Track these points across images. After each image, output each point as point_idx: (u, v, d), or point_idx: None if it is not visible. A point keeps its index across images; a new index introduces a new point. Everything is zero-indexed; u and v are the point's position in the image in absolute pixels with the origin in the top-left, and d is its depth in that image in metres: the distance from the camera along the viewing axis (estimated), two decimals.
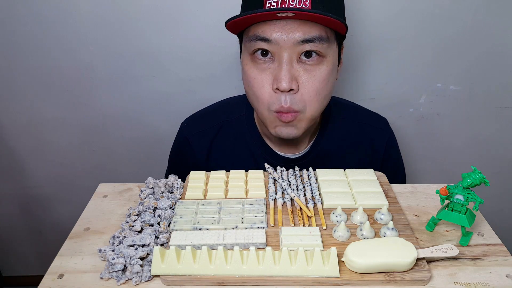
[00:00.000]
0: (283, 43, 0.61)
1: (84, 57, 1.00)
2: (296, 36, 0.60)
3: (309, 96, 0.65)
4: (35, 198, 1.27)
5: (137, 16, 0.95)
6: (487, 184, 0.53)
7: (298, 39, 0.61)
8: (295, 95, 0.64)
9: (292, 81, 0.62)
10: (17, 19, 0.95)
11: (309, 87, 0.64)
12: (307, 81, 0.64)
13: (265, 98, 0.66)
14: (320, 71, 0.64)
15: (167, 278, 0.49)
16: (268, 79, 0.65)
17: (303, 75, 0.63)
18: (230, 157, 0.82)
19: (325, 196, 0.62)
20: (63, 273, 0.52)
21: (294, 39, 0.61)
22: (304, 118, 0.67)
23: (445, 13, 0.94)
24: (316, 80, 0.64)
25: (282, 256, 0.49)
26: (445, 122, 1.11)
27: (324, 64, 0.64)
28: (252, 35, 0.64)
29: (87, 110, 1.09)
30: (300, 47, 0.62)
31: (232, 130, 0.81)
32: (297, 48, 0.62)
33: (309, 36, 0.61)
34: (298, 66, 0.63)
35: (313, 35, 0.61)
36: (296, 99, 0.64)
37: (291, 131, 0.68)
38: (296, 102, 0.64)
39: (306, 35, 0.60)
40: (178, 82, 1.04)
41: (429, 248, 0.52)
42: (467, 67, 1.02)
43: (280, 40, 0.61)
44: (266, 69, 0.65)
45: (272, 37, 0.61)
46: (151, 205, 0.60)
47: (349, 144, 0.82)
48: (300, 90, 0.64)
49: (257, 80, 0.65)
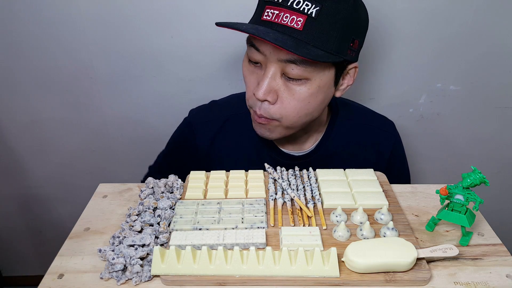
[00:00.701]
0: (269, 56, 0.63)
1: (84, 57, 1.00)
2: (280, 55, 0.61)
3: (286, 111, 0.66)
4: (35, 198, 1.27)
5: (137, 16, 0.95)
6: (487, 184, 0.53)
7: (282, 57, 0.62)
8: (271, 105, 0.66)
9: (269, 93, 0.64)
10: (17, 19, 0.95)
11: (287, 104, 0.65)
12: (286, 98, 0.65)
13: (248, 95, 0.70)
14: (301, 91, 0.64)
15: (167, 278, 0.49)
16: (254, 82, 0.67)
17: (283, 91, 0.65)
18: (234, 151, 0.82)
19: (325, 196, 0.62)
20: (63, 273, 0.52)
21: (278, 56, 0.62)
22: (281, 126, 0.69)
23: (445, 13, 0.94)
24: (294, 99, 0.65)
25: (282, 256, 0.49)
26: (445, 122, 1.11)
27: (307, 86, 0.64)
28: (249, 40, 0.66)
29: (87, 110, 1.09)
30: (284, 65, 0.63)
31: (239, 124, 0.82)
32: (281, 64, 0.63)
33: (292, 58, 0.61)
34: (281, 81, 0.64)
35: (296, 57, 0.61)
36: (272, 109, 0.66)
37: (264, 132, 0.71)
38: (271, 112, 0.66)
39: (289, 56, 0.61)
40: (178, 82, 1.04)
41: (429, 248, 0.52)
42: (467, 67, 1.02)
43: (266, 53, 0.63)
44: (254, 73, 0.67)
45: (260, 48, 0.63)
46: (151, 205, 0.60)
47: (355, 145, 0.82)
48: (278, 102, 0.66)
49: (247, 79, 0.69)
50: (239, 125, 0.82)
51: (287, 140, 0.80)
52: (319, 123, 0.80)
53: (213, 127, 0.82)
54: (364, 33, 0.68)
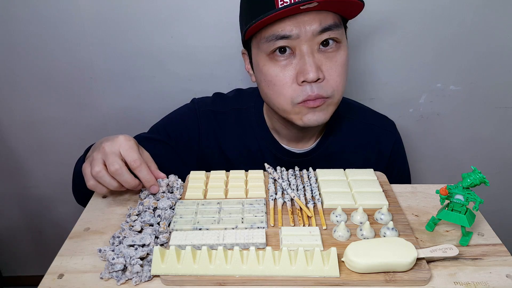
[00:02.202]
0: (303, 36, 0.62)
1: (84, 57, 1.00)
2: (314, 27, 0.62)
3: (335, 82, 0.66)
4: (35, 198, 1.27)
5: (137, 15, 0.95)
6: (487, 184, 0.53)
7: (317, 29, 0.62)
8: (321, 83, 0.65)
9: (318, 70, 0.64)
10: (17, 19, 0.95)
11: (333, 73, 0.66)
12: (331, 68, 0.65)
13: (288, 94, 0.66)
14: (340, 55, 0.66)
15: (167, 278, 0.49)
16: (291, 74, 0.65)
17: (326, 63, 0.65)
18: (235, 144, 0.82)
19: (325, 196, 0.62)
20: (63, 273, 0.52)
21: (313, 30, 0.62)
22: (333, 103, 0.69)
23: (445, 13, 0.94)
24: (338, 65, 0.66)
25: (282, 256, 0.49)
26: (445, 122, 1.11)
27: (342, 49, 0.66)
28: (270, 35, 0.64)
29: (87, 110, 1.09)
30: (319, 37, 0.63)
31: (242, 118, 0.82)
32: (316, 39, 0.63)
33: (326, 25, 0.63)
34: (319, 55, 0.65)
35: (329, 23, 0.63)
36: (324, 86, 0.65)
37: (320, 116, 0.68)
38: (324, 89, 0.66)
39: (323, 24, 0.62)
40: (178, 81, 1.04)
41: (429, 248, 0.52)
42: (467, 67, 1.02)
43: (301, 34, 0.62)
44: (287, 65, 0.65)
45: (292, 33, 0.62)
46: (151, 205, 0.60)
47: (356, 144, 0.82)
48: (325, 77, 0.65)
49: (279, 78, 0.66)
50: (242, 118, 0.82)
51: (293, 138, 0.80)
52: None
53: (217, 118, 0.82)
54: None
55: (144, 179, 0.60)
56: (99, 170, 0.58)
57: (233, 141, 0.82)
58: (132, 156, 0.59)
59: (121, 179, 0.58)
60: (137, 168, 0.59)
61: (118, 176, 0.58)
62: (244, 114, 0.82)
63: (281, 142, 0.81)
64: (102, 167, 0.58)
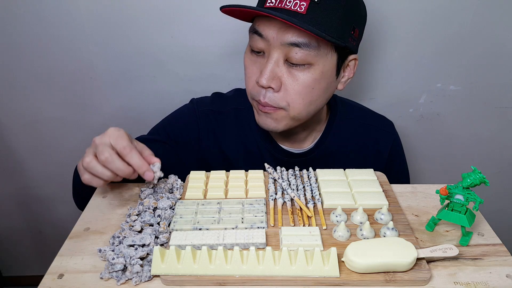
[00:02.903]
0: (272, 41, 0.63)
1: (84, 57, 1.00)
2: (285, 38, 0.62)
3: (291, 98, 0.66)
4: (35, 198, 1.27)
5: (137, 16, 0.95)
6: (487, 184, 0.53)
7: (286, 40, 0.62)
8: (276, 93, 0.66)
9: (273, 80, 0.64)
10: (17, 19, 0.95)
11: (291, 90, 0.66)
12: (290, 84, 0.65)
13: (250, 87, 0.70)
14: (305, 77, 0.65)
15: (167, 278, 0.49)
16: (256, 72, 0.67)
17: (287, 77, 0.65)
18: (234, 143, 0.82)
19: (325, 196, 0.62)
20: (63, 273, 0.52)
21: (282, 40, 0.62)
22: (287, 117, 0.69)
23: (445, 13, 0.94)
24: (299, 84, 0.65)
25: (282, 256, 0.49)
26: (445, 122, 1.11)
27: (310, 72, 0.65)
28: (252, 27, 0.67)
29: (87, 110, 1.09)
30: (287, 49, 0.63)
31: (241, 118, 0.82)
32: (285, 49, 0.63)
33: (296, 41, 0.62)
34: (284, 67, 0.65)
35: (300, 40, 0.62)
36: (277, 97, 0.66)
37: (270, 123, 0.70)
38: (276, 100, 0.66)
39: (294, 38, 0.62)
40: (178, 81, 1.04)
41: (429, 248, 0.52)
42: (467, 67, 1.02)
43: (270, 38, 0.63)
44: (256, 62, 0.68)
45: (264, 33, 0.64)
46: (151, 205, 0.60)
47: (354, 144, 0.82)
48: (282, 90, 0.66)
49: (248, 70, 0.69)
50: (241, 118, 0.82)
51: (286, 138, 0.80)
52: (318, 122, 0.80)
53: (216, 118, 0.82)
54: (363, 24, 0.69)
55: (136, 165, 0.58)
56: (89, 160, 0.57)
57: (233, 141, 0.82)
58: (122, 144, 0.58)
59: (113, 167, 0.57)
60: (127, 155, 0.58)
61: (109, 164, 0.57)
62: (244, 114, 0.82)
63: (278, 142, 0.81)
64: (92, 158, 0.58)
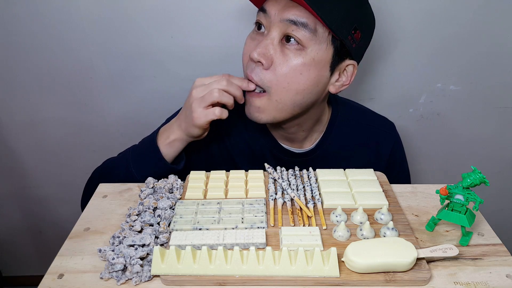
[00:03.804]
0: (273, 17, 0.65)
1: (84, 57, 1.00)
2: (285, 15, 0.63)
3: (276, 79, 0.66)
4: (35, 198, 1.27)
5: (137, 16, 0.95)
6: (487, 184, 0.53)
7: (285, 17, 0.63)
8: (264, 71, 0.66)
9: (264, 55, 0.65)
10: (17, 19, 0.95)
11: (279, 70, 0.65)
12: (279, 64, 0.65)
13: (244, 62, 0.70)
14: (295, 59, 0.65)
15: (167, 278, 0.49)
16: (252, 47, 0.67)
17: (278, 57, 0.65)
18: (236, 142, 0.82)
19: (325, 196, 0.62)
20: (63, 273, 0.52)
21: (282, 16, 0.63)
22: (270, 104, 0.68)
23: (445, 13, 0.94)
24: (287, 65, 0.65)
25: (282, 256, 0.49)
26: (445, 122, 1.11)
27: (302, 55, 0.65)
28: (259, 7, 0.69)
29: (87, 110, 1.09)
30: (285, 27, 0.64)
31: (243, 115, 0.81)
32: (283, 27, 0.64)
33: (295, 19, 0.63)
34: (278, 46, 0.65)
35: (299, 19, 0.63)
36: (263, 75, 0.66)
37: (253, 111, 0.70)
38: (262, 77, 0.66)
39: (293, 16, 0.63)
40: (178, 81, 1.04)
41: (429, 248, 0.52)
42: (467, 67, 1.02)
43: (272, 14, 0.65)
44: (255, 40, 0.68)
45: (267, 9, 0.65)
46: (151, 205, 0.60)
47: (355, 145, 0.82)
48: (270, 69, 0.66)
49: (246, 47, 0.70)
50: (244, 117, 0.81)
51: (285, 137, 0.80)
52: (319, 122, 0.80)
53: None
54: (368, 30, 0.69)
55: (238, 83, 0.67)
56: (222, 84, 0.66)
57: (236, 139, 0.82)
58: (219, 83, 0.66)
59: (230, 88, 0.66)
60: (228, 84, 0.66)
61: (230, 85, 0.66)
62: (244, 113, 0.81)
63: (279, 141, 0.81)
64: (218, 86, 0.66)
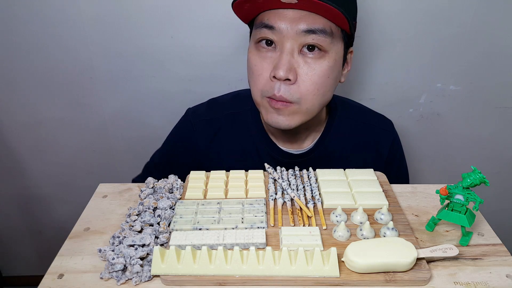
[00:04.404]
0: (286, 32, 0.62)
1: (84, 57, 1.00)
2: (300, 26, 0.61)
3: (306, 89, 0.65)
4: (35, 198, 1.27)
5: (137, 16, 0.95)
6: (487, 184, 0.53)
7: (301, 29, 0.61)
8: (291, 85, 0.64)
9: (290, 71, 0.63)
10: (17, 19, 0.95)
11: (307, 80, 0.64)
12: (306, 74, 0.64)
13: (260, 84, 0.67)
14: (321, 65, 0.64)
15: (167, 278, 0.49)
16: (268, 67, 0.65)
17: (302, 67, 0.64)
18: (234, 149, 0.82)
19: (325, 196, 0.62)
20: (63, 273, 0.52)
21: (297, 29, 0.61)
22: (300, 111, 0.67)
23: (445, 13, 0.94)
24: (315, 74, 0.64)
25: (282, 256, 0.49)
26: (445, 122, 1.11)
27: (326, 59, 0.64)
28: (258, 23, 0.65)
29: (87, 110, 1.09)
30: (303, 38, 0.62)
31: (238, 122, 0.82)
32: (299, 39, 0.62)
33: (312, 27, 0.61)
34: (299, 57, 0.64)
35: (316, 26, 0.61)
36: (292, 90, 0.64)
37: (282, 121, 0.67)
38: (291, 93, 0.64)
39: (309, 25, 0.61)
40: (178, 81, 1.04)
41: (429, 248, 0.52)
42: (467, 67, 1.02)
43: (283, 29, 0.62)
44: (267, 58, 0.65)
45: (276, 25, 0.62)
46: (151, 205, 0.60)
47: (354, 144, 0.82)
48: (298, 81, 0.64)
49: (257, 67, 0.66)
50: (238, 123, 0.81)
51: (286, 139, 0.80)
52: (318, 121, 0.80)
53: (213, 126, 0.82)
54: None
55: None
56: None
57: (231, 146, 0.82)
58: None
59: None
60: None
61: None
62: (241, 118, 0.81)
63: (278, 143, 0.81)
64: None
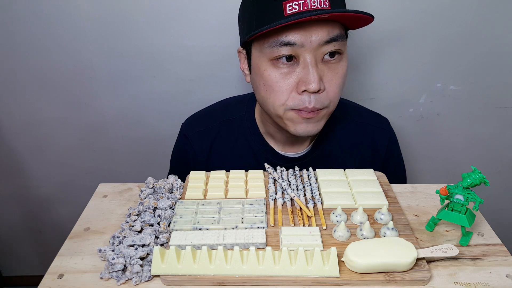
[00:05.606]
0: (309, 45, 0.61)
1: (84, 57, 1.00)
2: (321, 37, 0.61)
3: (333, 93, 0.66)
4: (35, 198, 1.27)
5: (137, 16, 0.95)
6: (487, 184, 0.53)
7: (323, 39, 0.61)
8: (321, 94, 0.65)
9: (320, 82, 0.63)
10: (17, 19, 0.95)
11: (333, 85, 0.65)
12: (331, 79, 0.65)
13: (283, 99, 0.65)
14: (341, 67, 0.66)
15: (167, 278, 0.49)
16: (293, 82, 0.64)
17: (327, 74, 0.64)
18: (231, 156, 0.82)
19: (325, 196, 0.62)
20: (63, 273, 0.52)
21: (319, 40, 0.61)
22: (327, 113, 0.69)
23: (445, 13, 0.94)
24: (339, 77, 0.66)
25: (282, 256, 0.49)
26: (445, 122, 1.11)
27: (344, 60, 0.66)
28: (274, 41, 0.62)
29: (87, 110, 1.09)
30: (324, 48, 0.62)
31: (233, 129, 0.82)
32: (321, 49, 0.62)
33: (333, 36, 0.62)
34: (322, 65, 0.64)
35: (336, 33, 0.62)
36: (322, 98, 0.65)
37: (312, 128, 0.68)
38: (322, 101, 0.65)
39: (330, 35, 0.61)
40: (178, 82, 1.04)
41: (429, 248, 0.52)
42: (467, 67, 1.02)
43: (306, 43, 0.61)
44: (289, 73, 0.64)
45: (297, 41, 0.61)
46: (151, 205, 0.60)
47: (350, 144, 0.82)
48: (326, 88, 0.65)
49: (280, 84, 0.64)
50: (234, 130, 0.81)
51: (289, 143, 0.79)
52: None
53: (209, 135, 0.82)
54: None
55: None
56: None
57: (229, 155, 0.82)
58: None
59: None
60: None
61: None
62: (236, 124, 0.81)
63: (275, 147, 0.80)
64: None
